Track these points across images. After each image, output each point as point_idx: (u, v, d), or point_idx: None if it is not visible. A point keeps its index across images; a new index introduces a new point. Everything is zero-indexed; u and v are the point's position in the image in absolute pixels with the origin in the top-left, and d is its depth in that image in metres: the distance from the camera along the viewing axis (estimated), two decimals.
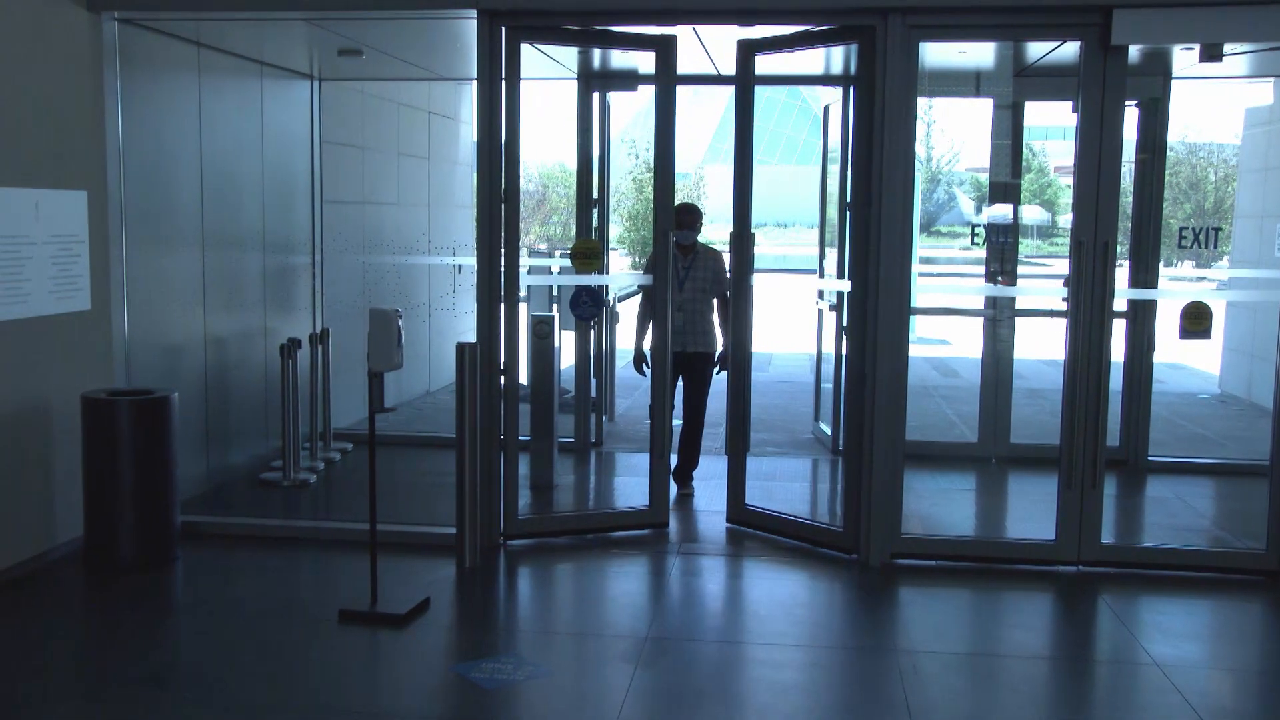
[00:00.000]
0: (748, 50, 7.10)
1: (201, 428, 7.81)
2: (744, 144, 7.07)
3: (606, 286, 9.05)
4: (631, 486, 8.23)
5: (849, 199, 7.56)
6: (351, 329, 8.87)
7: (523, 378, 7.52)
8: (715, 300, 7.80)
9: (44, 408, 6.25)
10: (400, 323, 5.62)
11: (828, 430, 9.39)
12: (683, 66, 8.77)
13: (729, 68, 8.91)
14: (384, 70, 9.21)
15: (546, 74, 8.67)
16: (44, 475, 6.30)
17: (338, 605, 5.63)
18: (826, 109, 9.52)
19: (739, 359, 7.42)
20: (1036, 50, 7.74)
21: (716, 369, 7.87)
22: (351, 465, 8.74)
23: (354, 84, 9.82)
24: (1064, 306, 6.49)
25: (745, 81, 7.10)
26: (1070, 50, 6.94)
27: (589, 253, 7.27)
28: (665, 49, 6.96)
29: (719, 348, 7.84)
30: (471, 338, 6.59)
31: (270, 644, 5.31)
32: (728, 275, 7.66)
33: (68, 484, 6.38)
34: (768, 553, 6.76)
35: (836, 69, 8.44)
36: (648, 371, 7.45)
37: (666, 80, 7.00)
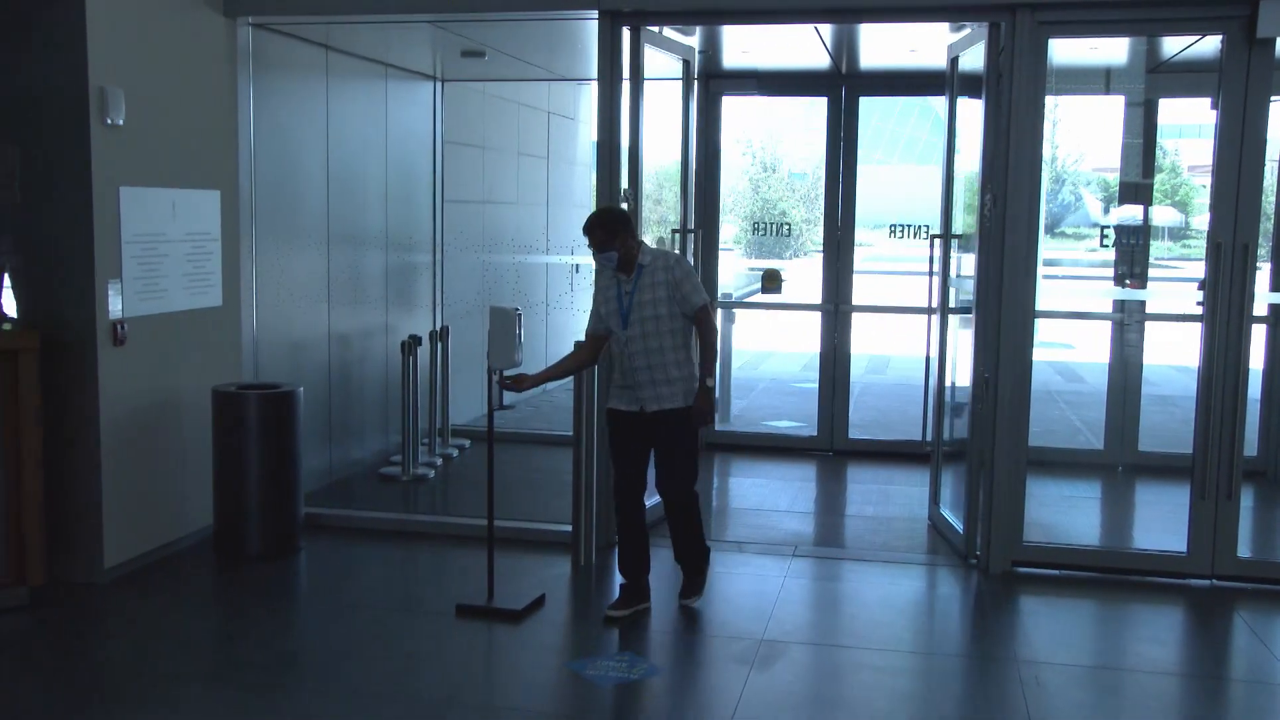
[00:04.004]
0: (956, 57, 7.21)
1: (325, 422, 8.00)
2: (951, 148, 7.28)
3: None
4: (745, 488, 8.19)
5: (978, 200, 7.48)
6: (471, 326, 8.99)
7: None
8: (685, 324, 5.48)
9: (177, 400, 6.47)
10: (520, 320, 5.67)
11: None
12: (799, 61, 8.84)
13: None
14: (505, 71, 9.32)
15: (665, 74, 8.67)
16: (176, 465, 6.51)
17: (455, 599, 5.71)
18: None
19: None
20: (1172, 45, 7.47)
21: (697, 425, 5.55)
22: (469, 461, 8.86)
23: (475, 85, 9.95)
24: (1197, 310, 6.25)
25: (955, 87, 7.23)
26: (1209, 45, 6.68)
27: None
28: (685, 56, 7.54)
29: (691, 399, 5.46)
30: None
31: (389, 635, 5.41)
32: (694, 281, 5.44)
33: (198, 474, 6.58)
34: (886, 555, 6.65)
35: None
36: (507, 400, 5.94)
37: (687, 83, 7.60)
